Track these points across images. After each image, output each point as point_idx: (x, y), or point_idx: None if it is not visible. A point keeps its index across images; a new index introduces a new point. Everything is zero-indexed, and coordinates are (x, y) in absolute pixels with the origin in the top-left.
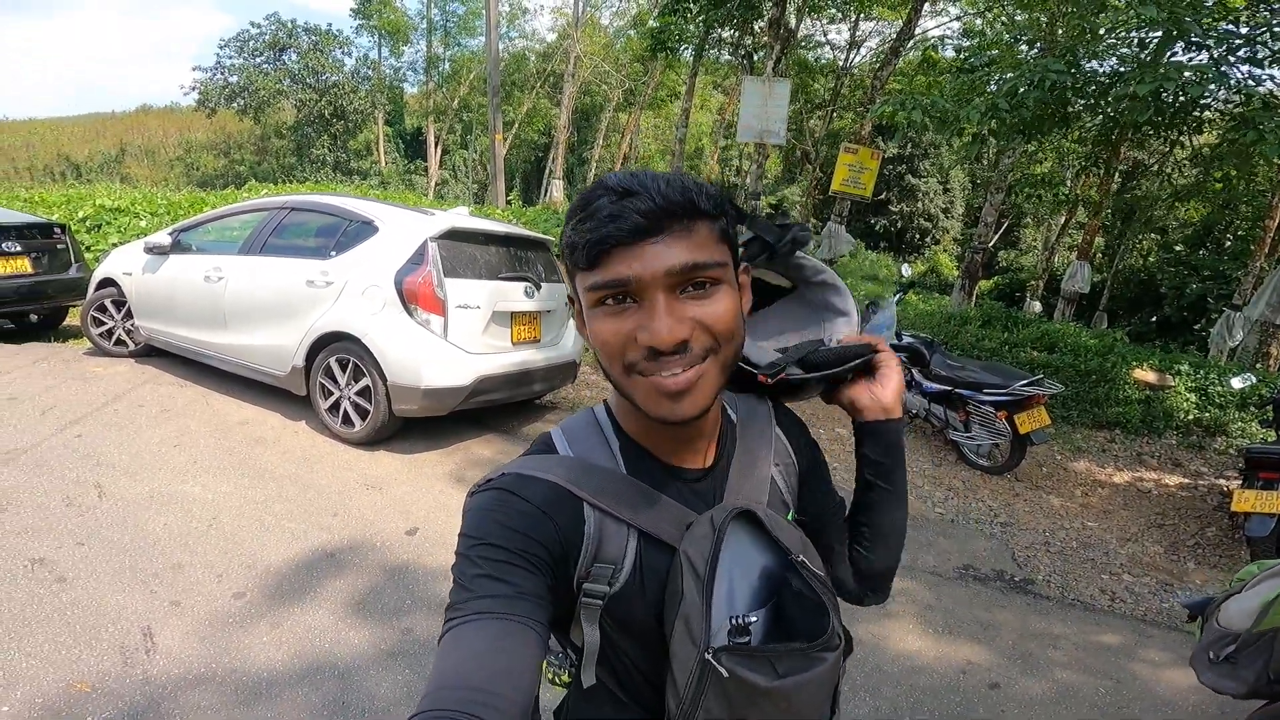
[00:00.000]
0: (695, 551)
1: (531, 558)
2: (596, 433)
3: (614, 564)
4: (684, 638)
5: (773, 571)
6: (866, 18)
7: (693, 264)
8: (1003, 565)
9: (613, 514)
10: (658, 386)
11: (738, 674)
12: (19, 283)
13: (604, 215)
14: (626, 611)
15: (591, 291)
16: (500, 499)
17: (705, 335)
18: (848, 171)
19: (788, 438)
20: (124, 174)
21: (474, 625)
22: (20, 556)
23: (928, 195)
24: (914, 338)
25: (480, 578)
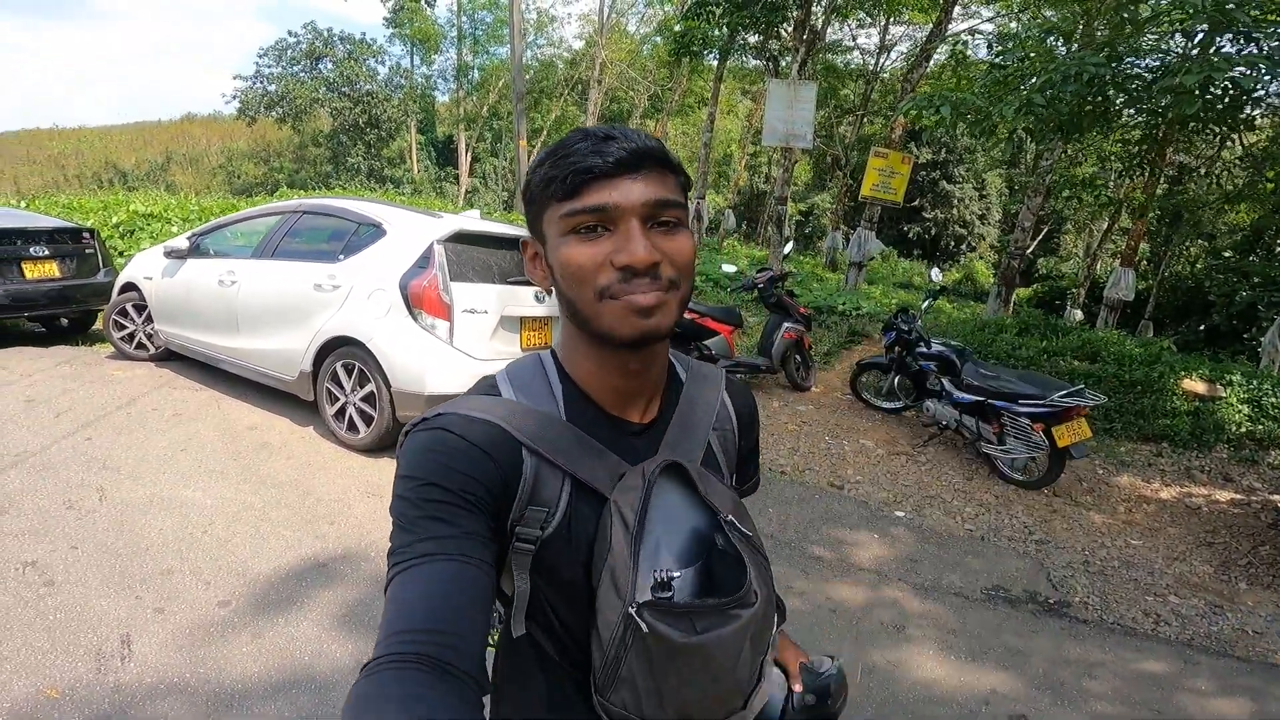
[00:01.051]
0: (625, 502)
1: (473, 498)
2: (541, 378)
3: (547, 508)
4: (610, 590)
5: (702, 531)
6: (896, 21)
7: (666, 199)
8: (1036, 586)
9: (549, 459)
10: (630, 304)
11: (657, 629)
12: (47, 287)
13: (586, 151)
14: (554, 560)
15: (567, 218)
16: (440, 438)
17: (671, 266)
18: (878, 176)
19: (734, 407)
20: (169, 182)
21: (422, 568)
22: (13, 560)
23: (963, 201)
24: (944, 346)
25: (423, 519)
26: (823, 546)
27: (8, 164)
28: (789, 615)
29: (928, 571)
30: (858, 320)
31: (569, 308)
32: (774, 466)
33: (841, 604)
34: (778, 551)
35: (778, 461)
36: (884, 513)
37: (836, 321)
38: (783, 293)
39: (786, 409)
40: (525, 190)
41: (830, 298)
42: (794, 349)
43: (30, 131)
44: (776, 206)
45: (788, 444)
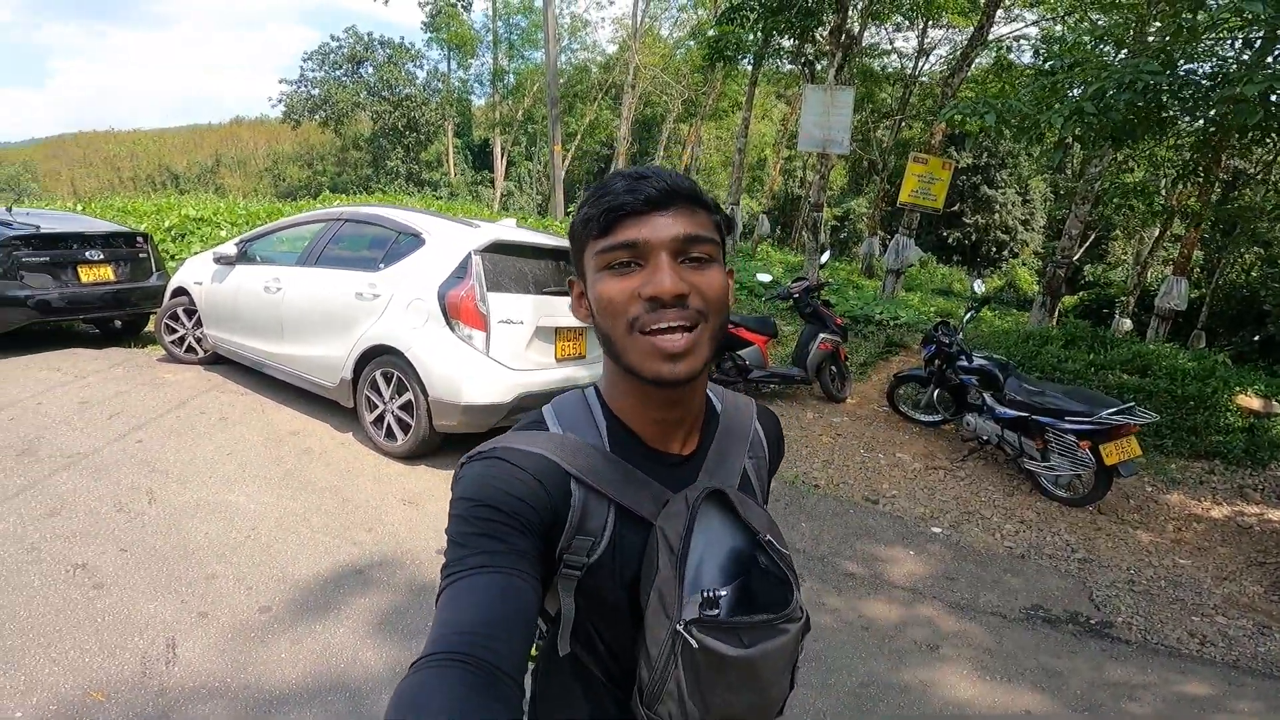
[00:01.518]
0: (670, 528)
1: (525, 521)
2: (585, 413)
3: (593, 537)
4: (658, 610)
5: (741, 550)
6: (935, 25)
7: (695, 235)
8: (1078, 606)
9: (596, 489)
10: (657, 347)
11: (706, 644)
12: (102, 290)
13: (620, 190)
14: (599, 585)
15: (601, 255)
16: (496, 466)
17: (700, 299)
18: (917, 182)
19: (765, 435)
20: (218, 184)
21: (473, 579)
22: (64, 561)
23: (1005, 207)
24: (986, 359)
25: (477, 536)
26: (856, 562)
27: (65, 166)
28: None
29: (964, 589)
30: (895, 330)
31: (605, 342)
32: (807, 479)
33: (874, 621)
34: (810, 567)
35: (811, 474)
36: (920, 528)
37: (873, 331)
38: (819, 302)
39: (821, 420)
40: (570, 230)
41: (867, 306)
42: (829, 360)
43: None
44: (812, 212)
45: (822, 456)
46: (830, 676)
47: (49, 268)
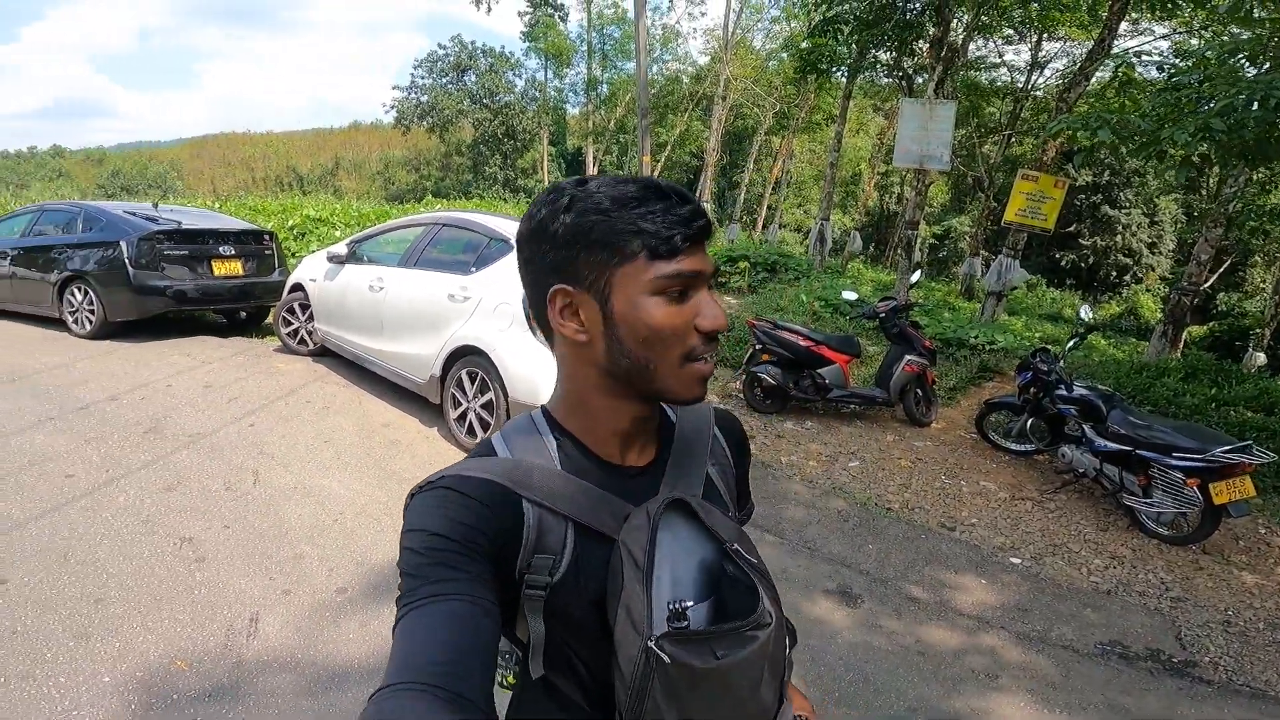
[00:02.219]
0: (633, 541)
1: (477, 547)
2: (533, 434)
3: (553, 555)
4: (627, 627)
5: (710, 560)
6: (1051, 37)
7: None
8: (1161, 644)
9: (550, 507)
10: (700, 373)
11: (677, 659)
12: (232, 284)
13: (683, 213)
14: (566, 604)
15: (659, 280)
16: (443, 496)
17: None
18: (1025, 201)
19: (726, 439)
20: (337, 186)
21: (429, 608)
22: (174, 535)
23: (1129, 228)
24: (1088, 388)
25: (430, 565)
26: (922, 588)
27: (207, 165)
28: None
29: (1036, 621)
30: (990, 355)
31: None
32: (880, 502)
33: (931, 647)
34: (871, 589)
35: (885, 497)
36: (997, 558)
37: (966, 355)
38: (906, 323)
39: (901, 444)
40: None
41: (961, 329)
42: (915, 382)
43: (226, 135)
44: (906, 230)
45: (898, 480)
46: (877, 699)
47: (187, 261)
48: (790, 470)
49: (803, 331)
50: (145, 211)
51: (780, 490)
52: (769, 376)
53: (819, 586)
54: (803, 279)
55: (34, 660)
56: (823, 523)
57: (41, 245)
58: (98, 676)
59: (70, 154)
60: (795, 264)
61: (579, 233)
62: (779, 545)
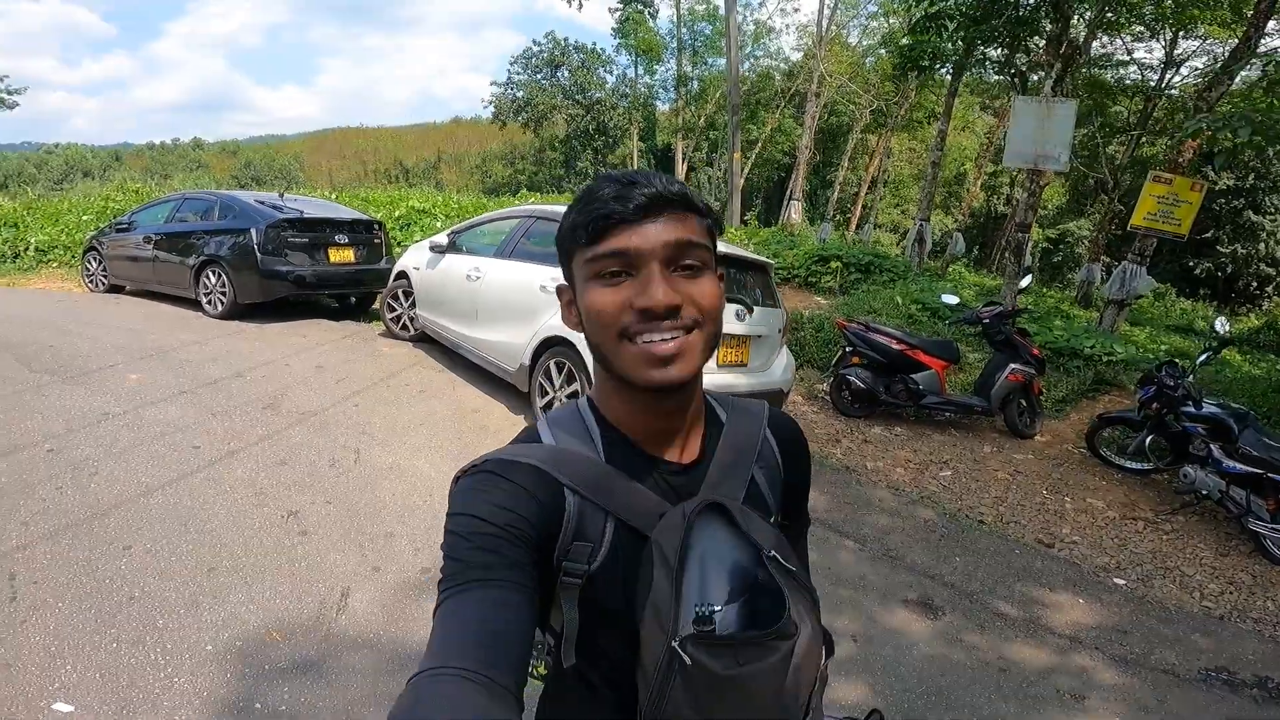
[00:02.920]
0: (666, 541)
1: (517, 532)
2: (579, 422)
3: (592, 543)
4: (654, 626)
5: (744, 566)
6: (1188, 35)
7: (687, 240)
8: (1271, 672)
9: (590, 499)
10: (649, 352)
11: (700, 662)
12: (345, 270)
13: (609, 197)
14: (600, 595)
15: (591, 264)
16: (487, 480)
17: (693, 308)
18: (1155, 204)
19: (778, 443)
20: (438, 179)
21: (469, 594)
22: (283, 507)
23: (1274, 235)
24: (1219, 407)
25: (472, 550)
26: (1011, 603)
27: (325, 158)
28: (946, 668)
29: (1136, 644)
30: (1108, 367)
31: (596, 351)
32: (972, 514)
33: (1015, 664)
34: (955, 601)
35: (978, 509)
36: (1098, 578)
37: (1079, 366)
38: (1013, 330)
39: (999, 455)
40: (557, 237)
41: (1075, 339)
42: (1019, 392)
43: (342, 129)
44: (1016, 233)
45: (993, 493)
46: (948, 713)
47: (306, 248)
48: (875, 476)
49: (897, 334)
50: (272, 201)
51: (864, 496)
52: (858, 380)
53: (898, 596)
54: (898, 281)
55: (146, 626)
56: (907, 531)
57: (182, 231)
58: (201, 645)
59: (208, 146)
60: (891, 265)
61: (560, 234)
62: (858, 551)
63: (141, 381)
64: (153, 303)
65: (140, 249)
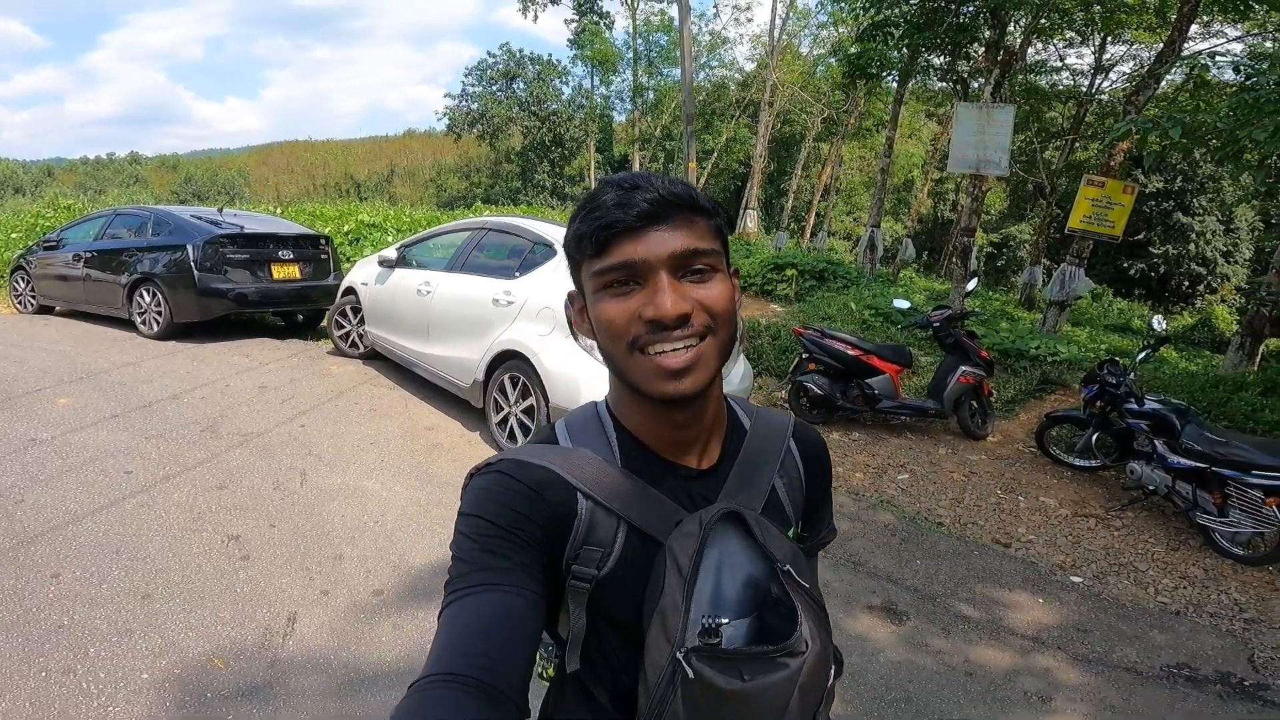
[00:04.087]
0: (680, 549)
1: (527, 535)
2: (596, 426)
3: (603, 548)
4: (659, 635)
5: (758, 579)
6: (1116, 40)
7: (694, 249)
8: (1232, 667)
9: (603, 504)
10: (660, 365)
11: (703, 675)
12: (290, 286)
13: (611, 204)
14: (608, 601)
15: (597, 276)
16: (499, 480)
17: (704, 314)
18: (1090, 207)
19: (801, 454)
20: (392, 193)
21: (476, 597)
22: (223, 532)
23: (1203, 236)
24: (1160, 403)
25: (480, 553)
26: (973, 605)
27: (272, 172)
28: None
29: (1097, 642)
30: (1053, 367)
31: (609, 361)
32: (931, 516)
33: (981, 667)
34: (918, 606)
35: (936, 512)
36: (1056, 576)
37: (1026, 367)
38: (962, 333)
39: (954, 457)
40: (564, 246)
41: (1020, 340)
42: (970, 394)
43: (290, 143)
44: (962, 237)
45: (950, 494)
46: (918, 719)
47: (248, 264)
48: (835, 482)
49: (852, 340)
50: (210, 216)
51: None
52: (815, 386)
53: (862, 602)
54: (852, 287)
55: (77, 655)
56: (868, 536)
57: (114, 248)
58: (136, 673)
59: (146, 160)
60: (844, 272)
61: (566, 244)
62: (820, 559)
63: (71, 405)
64: (84, 324)
65: (70, 268)
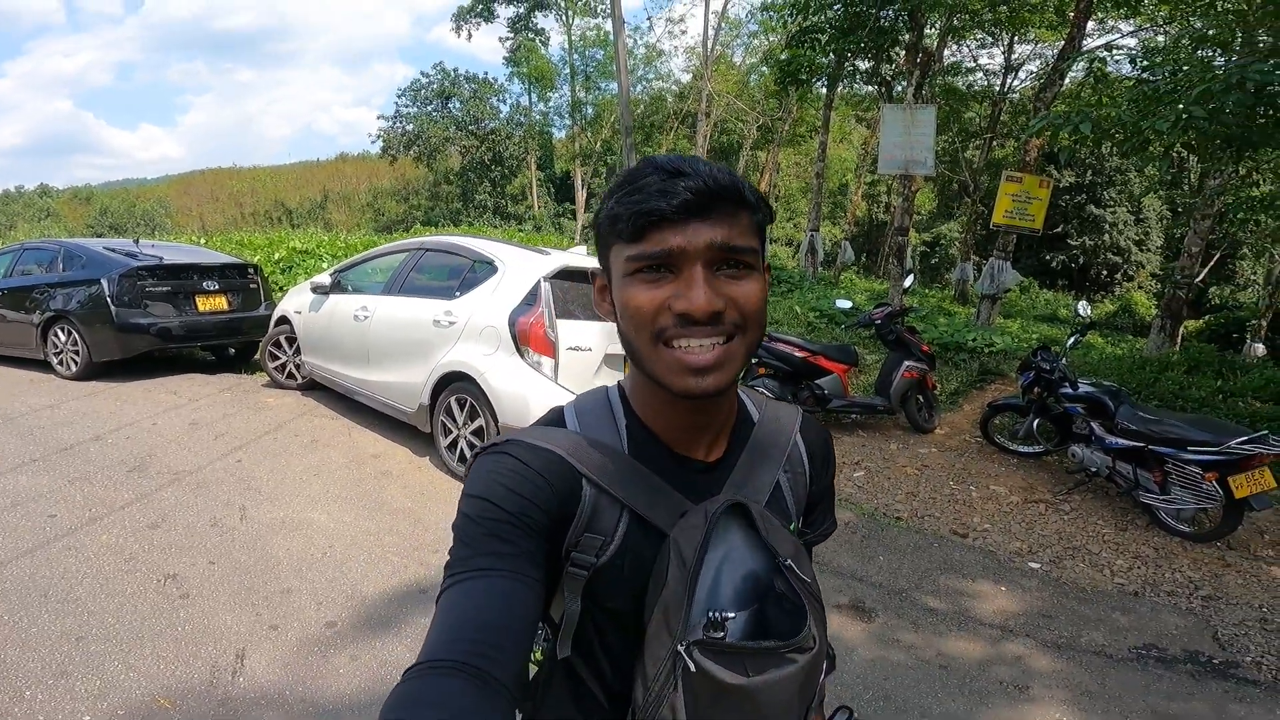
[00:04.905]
0: (685, 540)
1: (530, 520)
2: (606, 411)
3: (604, 536)
4: (660, 627)
5: (759, 573)
6: (1021, 39)
7: (733, 245)
8: (1198, 645)
9: (608, 491)
10: (684, 361)
11: (705, 669)
12: (217, 319)
13: (653, 190)
14: (606, 590)
15: (631, 261)
16: (504, 462)
17: (735, 312)
18: (1011, 202)
19: (807, 449)
20: (326, 219)
21: (475, 581)
22: (158, 572)
23: (1115, 226)
24: (1094, 386)
25: (482, 536)
26: (938, 598)
27: (195, 201)
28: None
29: (1063, 628)
30: (990, 358)
31: (628, 347)
32: (889, 512)
33: (955, 660)
34: (885, 601)
35: (893, 507)
36: (1014, 564)
37: (965, 359)
38: (903, 329)
39: (905, 451)
40: (594, 222)
41: (958, 333)
42: (915, 388)
43: (214, 170)
44: (896, 237)
45: (905, 488)
46: (899, 716)
47: (170, 297)
48: None
49: (799, 342)
50: (126, 248)
51: None
52: (766, 390)
53: (829, 602)
54: (796, 291)
55: (13, 698)
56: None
57: (23, 285)
58: (78, 715)
59: (57, 193)
60: (788, 276)
61: (598, 220)
62: None
63: None
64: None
65: None
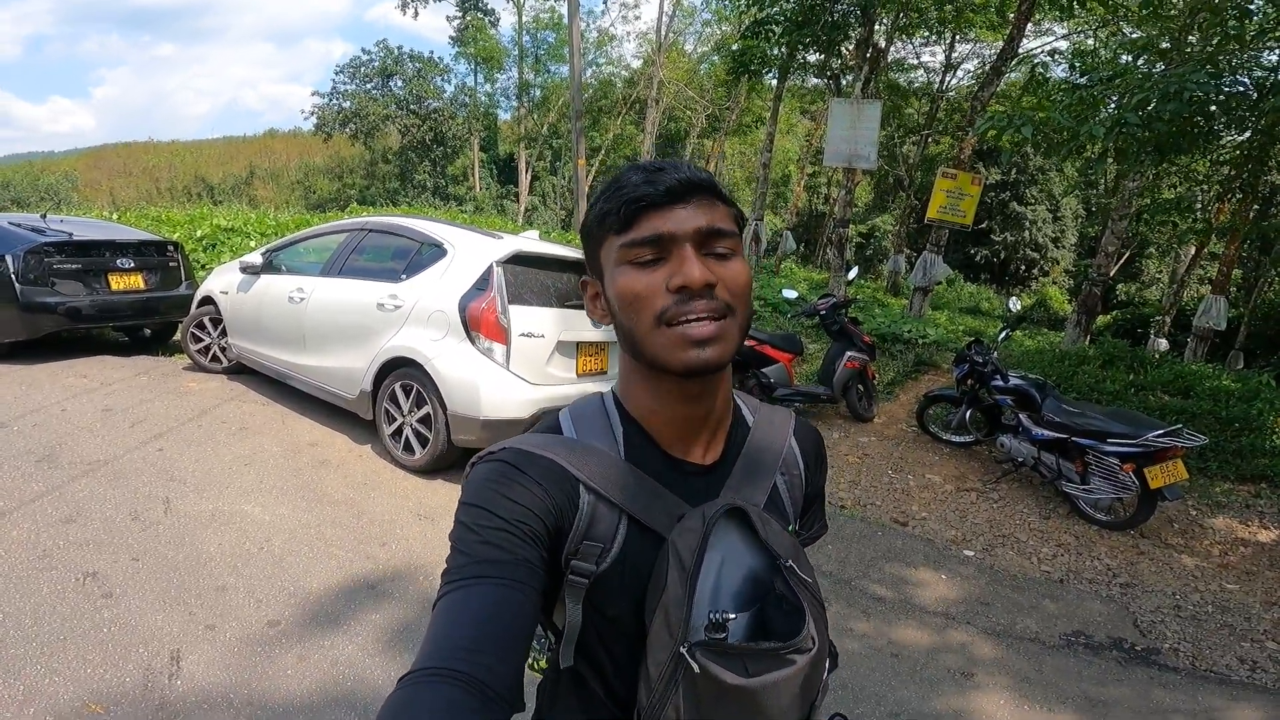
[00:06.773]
0: (683, 543)
1: (527, 528)
2: (602, 417)
3: (603, 543)
4: (662, 630)
5: (759, 574)
6: (963, 39)
7: (717, 228)
8: (1121, 632)
9: (606, 497)
10: (686, 334)
11: (708, 670)
12: (132, 298)
13: (638, 182)
14: (607, 597)
15: (624, 250)
16: (501, 470)
17: (726, 290)
18: (945, 198)
19: (801, 452)
20: (252, 196)
21: (471, 589)
22: (76, 569)
23: (1035, 224)
24: (1022, 379)
25: (479, 544)
26: (885, 586)
27: (106, 176)
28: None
29: (1000, 615)
30: (924, 349)
31: (627, 337)
32: (833, 500)
33: (904, 648)
34: (836, 591)
35: (838, 495)
36: (951, 551)
37: (901, 350)
38: (846, 319)
39: (847, 440)
40: (583, 228)
41: (894, 324)
42: (856, 378)
43: (128, 145)
44: (837, 228)
45: (848, 477)
46: (858, 706)
47: (80, 275)
48: None
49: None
50: (31, 223)
51: None
52: None
53: None
54: None
55: None
56: None
57: None
58: None
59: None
60: None
61: (586, 225)
62: None
63: None
64: None
65: None
